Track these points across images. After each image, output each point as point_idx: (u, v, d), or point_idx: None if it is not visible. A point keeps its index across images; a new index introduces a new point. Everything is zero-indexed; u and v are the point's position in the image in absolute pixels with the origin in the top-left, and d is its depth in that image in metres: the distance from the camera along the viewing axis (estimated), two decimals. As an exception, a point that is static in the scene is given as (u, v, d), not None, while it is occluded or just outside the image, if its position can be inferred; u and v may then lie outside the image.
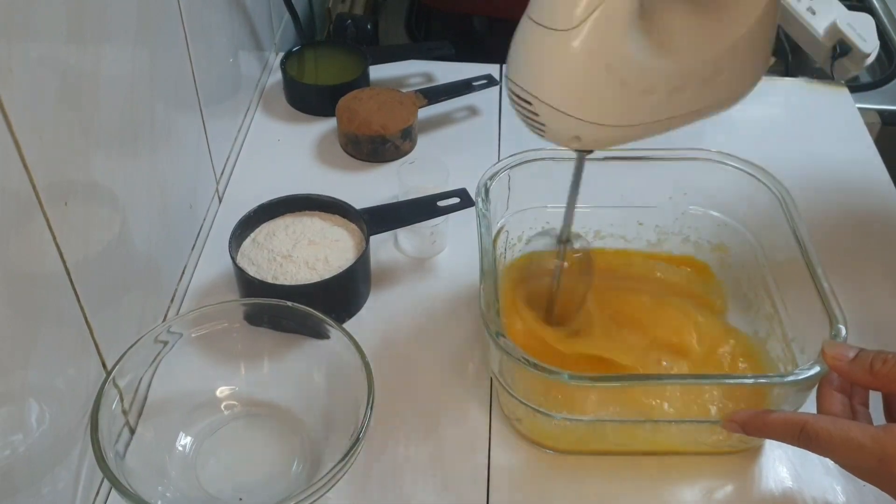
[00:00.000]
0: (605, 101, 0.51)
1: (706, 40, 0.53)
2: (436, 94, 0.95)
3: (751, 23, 0.53)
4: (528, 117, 0.53)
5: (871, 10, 1.24)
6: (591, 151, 0.59)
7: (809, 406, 0.62)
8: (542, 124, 0.53)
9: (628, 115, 0.53)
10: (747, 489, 0.64)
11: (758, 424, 0.57)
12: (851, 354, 0.55)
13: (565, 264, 0.66)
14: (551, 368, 0.56)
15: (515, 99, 0.53)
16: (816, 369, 0.57)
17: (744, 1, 0.53)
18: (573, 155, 0.73)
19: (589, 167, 0.73)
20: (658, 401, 0.61)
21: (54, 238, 0.52)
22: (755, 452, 0.65)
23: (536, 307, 0.69)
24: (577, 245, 0.67)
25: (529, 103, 0.52)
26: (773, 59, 0.59)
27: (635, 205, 0.75)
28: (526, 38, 0.51)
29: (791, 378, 0.58)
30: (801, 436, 0.53)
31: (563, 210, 0.74)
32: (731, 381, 0.61)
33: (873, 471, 0.52)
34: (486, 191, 0.69)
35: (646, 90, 0.52)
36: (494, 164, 0.71)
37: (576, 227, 0.76)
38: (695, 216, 0.76)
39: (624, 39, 0.49)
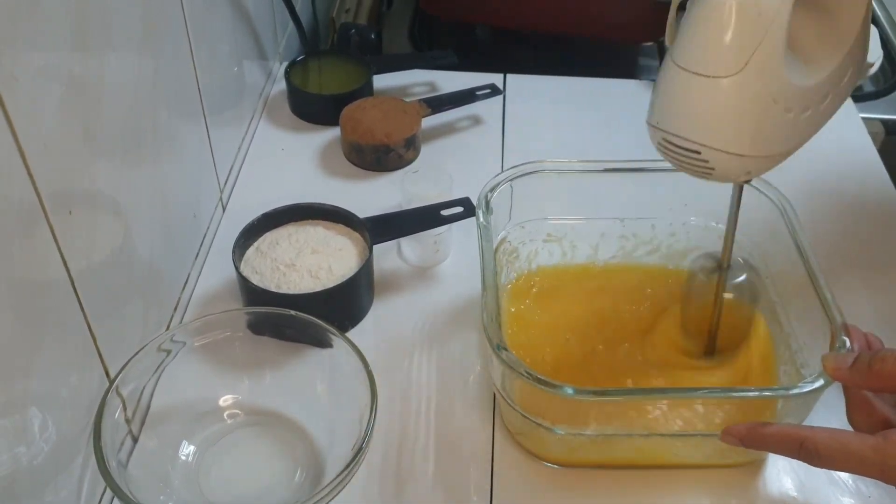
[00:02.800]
0: (773, 132, 0.51)
1: (834, 46, 0.53)
2: (439, 103, 0.96)
3: (859, 22, 0.53)
4: (692, 164, 0.52)
5: (875, 21, 1.24)
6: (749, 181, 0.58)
7: (815, 416, 0.62)
8: (711, 168, 0.52)
9: (791, 139, 0.53)
10: (753, 501, 0.63)
11: (756, 437, 0.56)
12: (850, 361, 0.55)
13: (728, 294, 0.64)
14: (554, 382, 0.56)
15: (674, 149, 0.52)
16: (820, 382, 0.56)
17: (850, 3, 0.53)
18: (576, 168, 0.73)
19: (588, 179, 0.74)
20: (661, 414, 0.61)
21: (58, 246, 0.52)
22: (759, 465, 0.65)
23: (694, 333, 0.68)
24: (738, 274, 0.64)
25: (697, 152, 0.51)
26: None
27: (636, 217, 0.75)
28: (682, 87, 0.50)
29: (795, 391, 0.57)
30: (802, 450, 0.53)
31: (562, 223, 0.75)
32: (735, 394, 0.61)
33: (878, 479, 0.52)
34: (487, 203, 0.69)
35: (804, 109, 0.52)
36: (496, 176, 0.71)
37: (575, 240, 0.76)
38: (696, 227, 0.76)
39: (783, 69, 0.49)
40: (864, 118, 1.01)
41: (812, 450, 0.52)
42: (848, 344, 0.58)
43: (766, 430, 0.56)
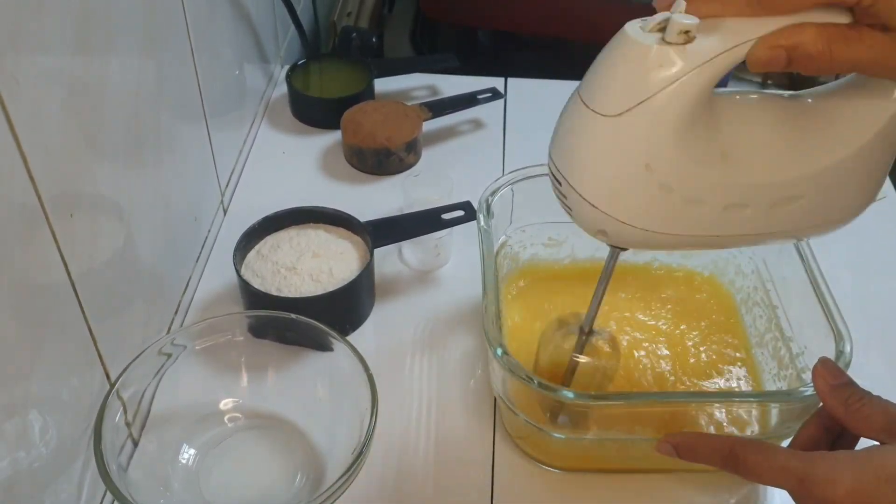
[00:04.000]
0: (639, 202, 0.46)
1: (784, 160, 0.47)
2: (440, 106, 0.96)
3: (849, 151, 0.47)
4: (558, 194, 0.49)
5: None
6: (626, 249, 0.52)
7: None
8: (570, 208, 0.48)
9: (666, 223, 0.47)
10: (752, 505, 0.63)
11: (690, 447, 0.55)
12: (839, 381, 0.53)
13: (583, 359, 0.61)
14: (555, 387, 0.56)
15: (550, 173, 0.49)
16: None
17: (847, 125, 0.47)
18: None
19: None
20: (662, 418, 0.61)
21: (59, 249, 0.52)
22: (760, 467, 0.65)
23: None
24: (600, 336, 0.61)
25: (560, 183, 0.48)
26: (882, 195, 0.52)
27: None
28: (569, 113, 0.46)
29: (796, 395, 0.57)
30: (729, 459, 0.52)
31: (563, 226, 0.74)
32: (734, 398, 0.61)
33: (794, 492, 0.50)
34: (488, 207, 0.69)
35: (692, 200, 0.46)
36: (497, 180, 0.71)
37: (575, 244, 0.76)
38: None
39: (670, 140, 0.44)
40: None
41: (741, 459, 0.51)
42: (848, 349, 0.58)
43: (699, 440, 0.55)
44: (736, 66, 0.44)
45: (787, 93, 0.49)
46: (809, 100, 0.48)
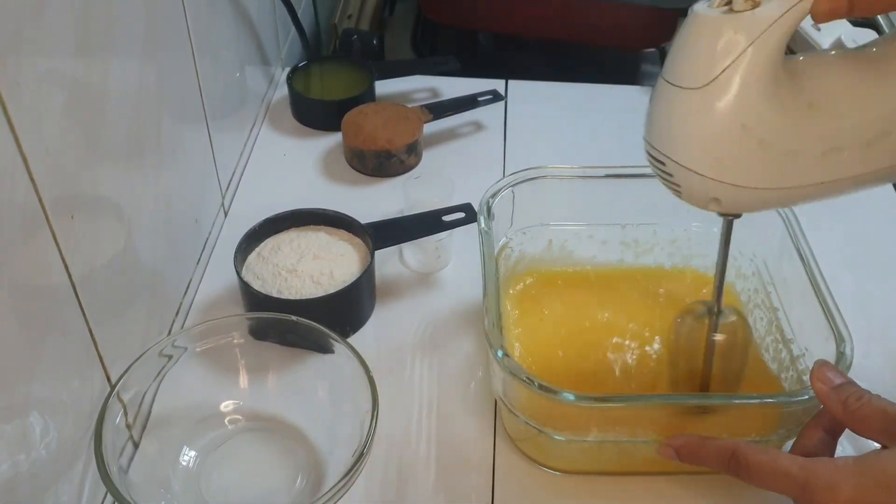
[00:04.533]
0: (742, 162, 0.49)
1: (867, 101, 0.50)
2: (441, 109, 0.96)
3: None
4: (662, 177, 0.52)
5: (875, 27, 1.24)
6: (738, 215, 0.55)
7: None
8: (678, 185, 0.51)
9: (772, 178, 0.50)
10: (753, 507, 0.63)
11: (691, 450, 0.55)
12: (837, 381, 0.54)
13: (720, 336, 0.61)
14: (556, 388, 0.56)
15: (650, 160, 0.52)
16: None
17: None
18: (578, 173, 0.73)
19: (590, 185, 0.74)
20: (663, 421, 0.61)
21: (60, 251, 0.52)
22: (761, 470, 0.65)
23: (686, 387, 0.65)
24: (729, 317, 0.62)
25: (663, 164, 0.50)
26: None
27: (637, 222, 0.75)
28: (658, 97, 0.50)
29: (797, 398, 0.57)
30: (731, 462, 0.52)
31: (566, 227, 0.75)
32: (736, 401, 0.61)
33: (796, 499, 0.51)
34: (489, 209, 0.69)
35: (791, 152, 0.49)
36: (497, 182, 0.71)
37: (577, 246, 0.76)
38: (697, 233, 0.75)
39: (761, 98, 0.47)
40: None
41: (743, 462, 0.52)
42: (849, 351, 0.58)
43: (703, 444, 0.55)
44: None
45: (852, 47, 0.53)
46: (874, 49, 0.51)
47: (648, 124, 0.51)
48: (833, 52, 0.52)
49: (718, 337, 0.61)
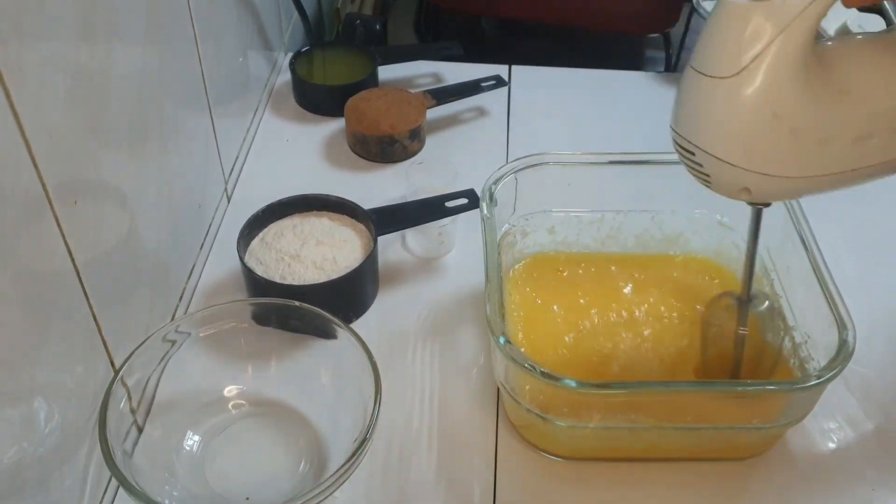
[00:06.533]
0: (774, 151, 0.49)
1: (888, 86, 0.50)
2: (444, 94, 0.95)
3: None
4: (691, 167, 0.51)
5: (882, 13, 1.24)
6: (768, 204, 0.55)
7: (818, 410, 0.62)
8: (707, 175, 0.51)
9: (803, 167, 0.50)
10: (755, 496, 0.63)
11: None
12: None
13: (743, 330, 0.62)
14: (557, 375, 0.56)
15: (678, 150, 0.51)
16: (826, 375, 0.56)
17: None
18: (581, 160, 0.73)
19: (593, 171, 0.74)
20: (665, 407, 0.61)
21: (63, 237, 0.52)
22: (762, 458, 0.65)
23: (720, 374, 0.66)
24: (760, 304, 0.62)
25: (692, 153, 0.50)
26: None
27: (640, 209, 0.75)
28: (687, 87, 0.49)
29: (800, 385, 0.57)
30: None
31: (567, 215, 0.74)
32: (739, 387, 0.61)
33: None
34: (491, 195, 0.69)
35: (822, 140, 0.49)
36: (500, 168, 0.71)
37: (580, 233, 0.76)
38: (700, 220, 0.75)
39: (792, 86, 0.47)
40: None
41: None
42: (851, 339, 0.58)
43: None
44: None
45: (879, 32, 0.52)
46: None
47: (676, 113, 0.51)
48: (860, 37, 0.52)
49: (745, 330, 0.62)
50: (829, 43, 0.50)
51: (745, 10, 0.46)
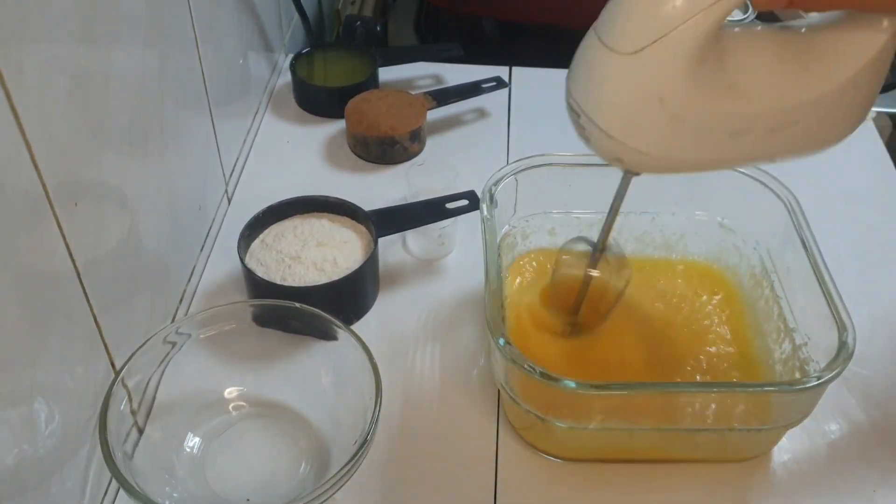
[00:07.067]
0: (652, 131, 0.50)
1: (785, 89, 0.50)
2: (445, 95, 0.96)
3: (843, 79, 0.50)
4: (576, 125, 0.52)
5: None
6: (638, 174, 0.57)
7: (818, 411, 0.62)
8: (587, 138, 0.52)
9: (677, 150, 0.51)
10: (755, 497, 0.63)
11: None
12: None
13: (595, 272, 0.65)
14: (556, 376, 0.56)
15: (568, 106, 0.52)
16: (826, 377, 0.56)
17: (841, 55, 0.50)
18: (581, 161, 0.73)
19: (593, 173, 0.74)
20: (664, 408, 0.61)
21: (64, 238, 0.52)
22: (763, 460, 0.65)
23: (558, 309, 0.69)
24: (612, 253, 0.65)
25: (578, 115, 0.51)
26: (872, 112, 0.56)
27: (640, 210, 0.75)
28: (586, 50, 0.49)
29: (800, 386, 0.57)
30: None
31: (567, 216, 0.75)
32: (738, 389, 0.61)
33: None
34: (492, 197, 0.69)
35: (701, 129, 0.50)
36: (500, 169, 0.71)
37: (579, 232, 0.76)
38: (700, 222, 0.75)
39: (683, 76, 0.47)
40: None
41: None
42: (851, 341, 0.58)
43: None
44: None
45: (783, 24, 0.52)
46: (803, 30, 0.51)
47: (573, 72, 0.51)
48: (760, 28, 0.52)
49: (594, 272, 0.65)
50: (732, 28, 0.50)
51: None
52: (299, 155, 0.93)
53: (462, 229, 0.81)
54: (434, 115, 0.95)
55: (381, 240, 0.75)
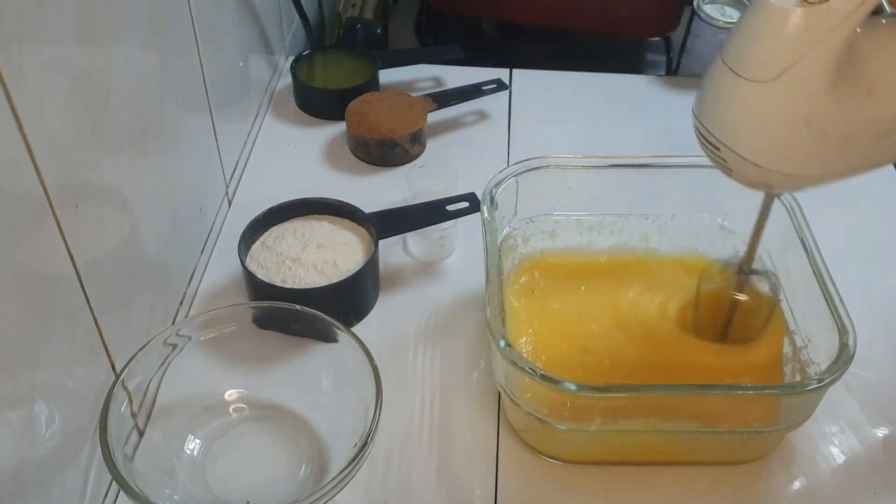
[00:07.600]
0: (800, 153, 0.49)
1: None
2: (445, 98, 0.96)
3: None
4: (714, 158, 0.52)
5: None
6: (780, 194, 0.56)
7: (819, 414, 0.62)
8: (730, 169, 0.51)
9: (825, 165, 0.51)
10: (757, 499, 0.63)
11: None
12: None
13: (742, 297, 0.65)
14: (557, 378, 0.56)
15: (701, 139, 0.52)
16: (827, 379, 0.56)
17: None
18: (581, 163, 0.73)
19: (594, 174, 0.74)
20: (665, 410, 0.61)
21: (65, 240, 0.52)
22: (765, 462, 0.65)
23: (704, 335, 0.68)
24: (757, 278, 0.64)
25: (717, 148, 0.50)
26: None
27: (641, 213, 0.75)
28: (718, 83, 0.49)
29: (801, 389, 0.57)
30: None
31: (568, 218, 0.75)
32: (739, 391, 0.61)
33: None
34: (492, 199, 0.69)
35: (847, 140, 0.50)
36: (501, 171, 0.71)
37: (581, 236, 0.76)
38: (701, 223, 0.75)
39: (825, 93, 0.47)
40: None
41: None
42: (852, 343, 0.58)
43: None
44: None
45: None
46: None
47: (703, 107, 0.51)
48: (885, 22, 0.51)
49: (740, 296, 0.63)
50: (859, 30, 0.49)
51: (788, 14, 0.45)
52: (300, 157, 0.93)
53: (463, 231, 0.81)
54: (434, 117, 0.95)
55: (381, 242, 0.75)
